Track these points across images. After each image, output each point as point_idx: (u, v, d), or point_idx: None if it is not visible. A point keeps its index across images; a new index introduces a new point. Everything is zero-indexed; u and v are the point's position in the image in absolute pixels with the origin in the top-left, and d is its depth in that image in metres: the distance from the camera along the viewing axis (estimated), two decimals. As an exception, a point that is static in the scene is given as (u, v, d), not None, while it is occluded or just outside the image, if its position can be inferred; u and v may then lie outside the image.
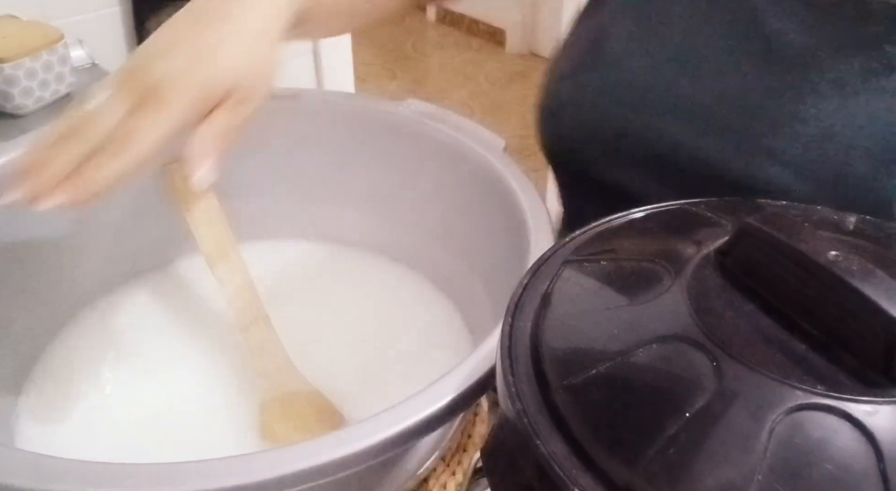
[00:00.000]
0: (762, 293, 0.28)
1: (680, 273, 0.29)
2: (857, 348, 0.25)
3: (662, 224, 0.35)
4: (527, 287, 0.33)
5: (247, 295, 0.54)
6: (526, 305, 0.32)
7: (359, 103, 0.59)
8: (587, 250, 0.35)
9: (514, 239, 0.48)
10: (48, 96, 0.83)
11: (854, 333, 0.25)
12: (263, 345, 0.52)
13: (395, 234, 0.63)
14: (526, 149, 2.30)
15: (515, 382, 0.28)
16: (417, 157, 0.58)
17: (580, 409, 0.26)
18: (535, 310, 0.32)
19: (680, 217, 0.35)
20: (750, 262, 0.28)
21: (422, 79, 2.73)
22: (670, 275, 0.29)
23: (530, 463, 0.26)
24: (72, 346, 0.56)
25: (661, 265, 0.30)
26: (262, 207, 0.64)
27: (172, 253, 0.63)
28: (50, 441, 0.49)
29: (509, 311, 0.32)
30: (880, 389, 0.24)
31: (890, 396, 0.23)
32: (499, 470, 0.29)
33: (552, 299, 0.31)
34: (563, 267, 0.33)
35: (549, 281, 0.32)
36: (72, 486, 0.32)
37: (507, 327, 0.31)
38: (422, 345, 0.57)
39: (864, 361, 0.24)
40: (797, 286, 0.26)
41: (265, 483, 0.32)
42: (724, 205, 0.36)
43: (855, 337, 0.25)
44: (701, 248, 0.31)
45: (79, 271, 0.58)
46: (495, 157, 0.53)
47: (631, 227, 0.36)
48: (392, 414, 0.34)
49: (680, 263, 0.30)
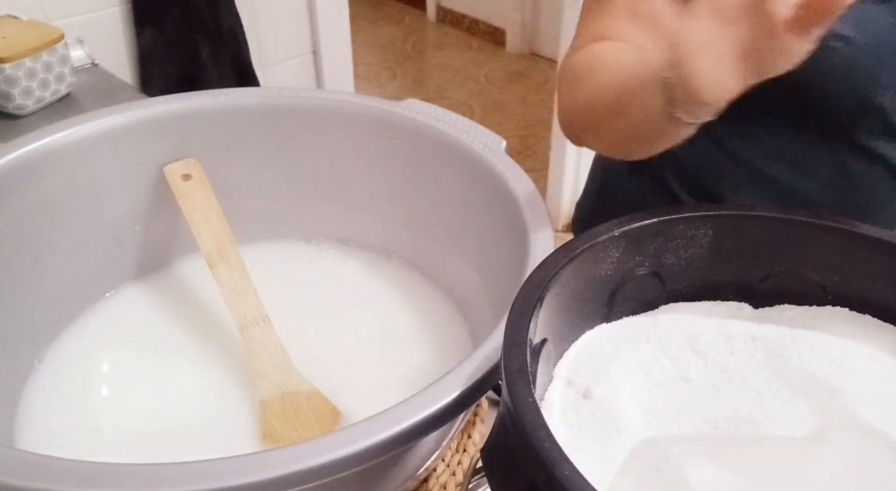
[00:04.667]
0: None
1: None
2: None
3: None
4: (528, 288, 0.33)
5: (246, 295, 0.54)
6: (526, 306, 0.32)
7: (359, 103, 0.59)
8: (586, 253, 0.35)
9: (514, 239, 0.48)
10: (48, 96, 0.84)
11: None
12: (263, 345, 0.52)
13: (395, 234, 0.63)
14: (526, 149, 2.30)
15: (516, 382, 0.28)
16: (417, 157, 0.58)
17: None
18: (536, 310, 0.32)
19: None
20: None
21: (422, 79, 2.73)
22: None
23: (530, 463, 0.26)
24: (72, 346, 0.56)
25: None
26: (262, 207, 0.64)
27: (172, 253, 0.63)
28: (50, 441, 0.49)
29: (510, 311, 0.32)
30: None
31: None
32: (499, 470, 0.29)
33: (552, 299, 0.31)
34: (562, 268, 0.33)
35: (549, 282, 0.33)
36: (72, 486, 0.32)
37: (508, 328, 0.31)
38: (422, 345, 0.57)
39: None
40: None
41: (265, 483, 0.32)
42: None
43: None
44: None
45: (79, 271, 0.58)
46: (495, 157, 0.53)
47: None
48: (392, 414, 0.34)
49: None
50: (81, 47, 0.94)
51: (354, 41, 1.43)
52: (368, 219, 0.64)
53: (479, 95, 2.61)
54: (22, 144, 0.53)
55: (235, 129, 0.60)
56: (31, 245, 0.54)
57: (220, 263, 0.56)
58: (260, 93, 0.61)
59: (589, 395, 0.34)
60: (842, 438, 0.29)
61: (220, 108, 0.60)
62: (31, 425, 0.50)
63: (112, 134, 0.57)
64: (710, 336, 0.37)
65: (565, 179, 1.92)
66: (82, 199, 0.57)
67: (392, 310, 0.60)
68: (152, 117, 0.58)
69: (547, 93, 2.57)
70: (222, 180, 0.61)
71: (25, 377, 0.53)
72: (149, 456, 0.36)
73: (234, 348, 0.55)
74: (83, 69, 0.93)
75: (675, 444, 0.29)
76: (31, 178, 0.53)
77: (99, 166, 0.57)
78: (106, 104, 0.57)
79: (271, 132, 0.61)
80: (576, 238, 0.37)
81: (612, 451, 0.32)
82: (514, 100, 2.58)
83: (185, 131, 0.59)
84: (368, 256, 0.65)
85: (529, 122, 2.43)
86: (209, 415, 0.52)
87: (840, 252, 0.38)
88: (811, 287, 0.39)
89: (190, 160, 0.60)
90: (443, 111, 0.57)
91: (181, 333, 0.58)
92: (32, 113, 0.84)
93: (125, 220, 0.60)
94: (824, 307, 0.39)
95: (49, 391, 0.53)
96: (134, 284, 0.62)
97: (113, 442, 0.50)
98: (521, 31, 2.83)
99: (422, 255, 0.62)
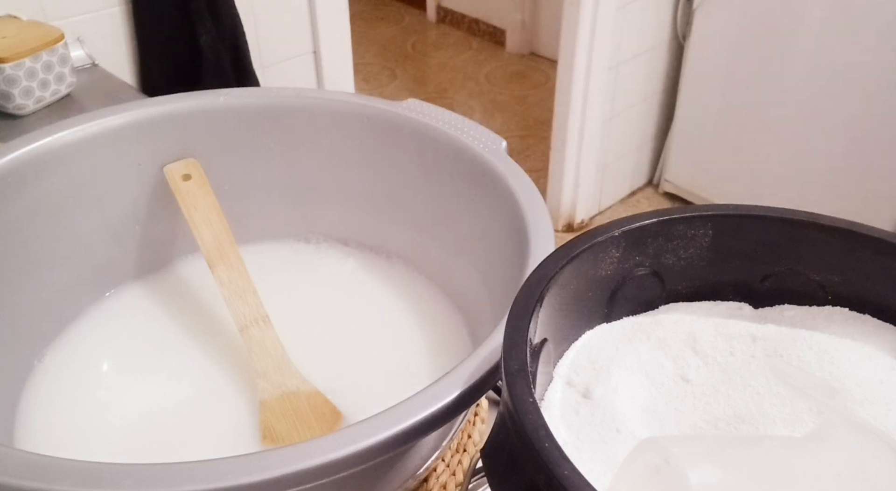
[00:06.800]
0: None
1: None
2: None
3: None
4: (528, 288, 0.33)
5: (246, 295, 0.54)
6: (527, 306, 0.32)
7: (359, 103, 0.59)
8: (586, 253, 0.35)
9: (514, 239, 0.48)
10: (48, 96, 0.83)
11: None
12: (263, 344, 0.52)
13: (395, 234, 0.63)
14: (526, 149, 2.30)
15: (516, 382, 0.28)
16: (417, 157, 0.58)
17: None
18: (536, 310, 0.32)
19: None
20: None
21: (422, 79, 2.73)
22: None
23: (530, 463, 0.26)
24: (72, 346, 0.56)
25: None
26: (261, 207, 0.64)
27: (172, 253, 0.63)
28: (50, 441, 0.49)
29: (510, 311, 0.32)
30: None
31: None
32: (499, 470, 0.29)
33: (552, 299, 0.31)
34: (562, 268, 0.33)
35: (549, 282, 0.33)
36: (71, 486, 0.32)
37: (508, 328, 0.31)
38: (422, 345, 0.57)
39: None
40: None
41: (265, 483, 0.32)
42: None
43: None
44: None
45: (79, 271, 0.58)
46: (495, 157, 0.53)
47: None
48: (392, 414, 0.34)
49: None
50: (81, 47, 0.94)
51: (354, 41, 1.43)
52: (368, 219, 0.64)
53: (479, 95, 2.61)
54: (22, 144, 0.53)
55: (235, 129, 0.60)
56: (31, 245, 0.54)
57: (220, 262, 0.56)
58: (260, 93, 0.61)
59: (589, 395, 0.34)
60: (842, 438, 0.29)
61: (220, 108, 0.60)
62: (31, 425, 0.50)
63: (112, 134, 0.57)
64: (710, 336, 0.37)
65: (565, 179, 1.92)
66: (82, 199, 0.57)
67: (392, 310, 0.60)
68: (152, 117, 0.58)
69: (547, 93, 2.57)
70: (222, 180, 0.61)
71: (25, 377, 0.53)
72: (149, 456, 0.36)
73: (234, 348, 0.55)
74: (83, 69, 0.93)
75: (675, 444, 0.29)
76: (31, 177, 0.53)
77: (99, 166, 0.57)
78: (106, 104, 0.57)
79: (271, 132, 0.61)
80: (576, 238, 0.37)
81: (612, 451, 0.32)
82: (514, 100, 2.58)
83: (185, 131, 0.59)
84: (368, 255, 0.65)
85: (529, 122, 2.43)
86: (209, 415, 0.52)
87: (840, 252, 0.38)
88: (811, 287, 0.39)
89: (190, 160, 0.60)
90: (443, 111, 0.57)
91: (181, 332, 0.58)
92: (32, 113, 0.84)
93: (125, 220, 0.60)
94: (824, 307, 0.39)
95: (49, 391, 0.53)
96: (134, 284, 0.62)
97: (112, 442, 0.50)
98: (521, 31, 2.84)
99: (422, 255, 0.62)
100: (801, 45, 1.67)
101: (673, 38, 1.93)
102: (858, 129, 1.66)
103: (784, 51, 1.70)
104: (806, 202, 1.77)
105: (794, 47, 1.68)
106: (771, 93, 1.76)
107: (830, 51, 1.63)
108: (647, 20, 1.82)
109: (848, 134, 1.68)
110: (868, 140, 1.65)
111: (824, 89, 1.67)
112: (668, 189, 2.11)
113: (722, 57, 1.81)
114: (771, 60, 1.73)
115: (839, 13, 1.58)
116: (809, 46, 1.65)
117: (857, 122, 1.65)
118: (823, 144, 1.73)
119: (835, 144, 1.71)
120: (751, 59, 1.76)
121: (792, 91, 1.72)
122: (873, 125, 1.63)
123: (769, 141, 1.82)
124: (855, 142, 1.67)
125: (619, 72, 1.84)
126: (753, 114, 1.82)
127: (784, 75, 1.72)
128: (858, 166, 1.69)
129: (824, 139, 1.72)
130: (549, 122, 1.93)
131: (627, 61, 1.85)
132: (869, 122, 1.63)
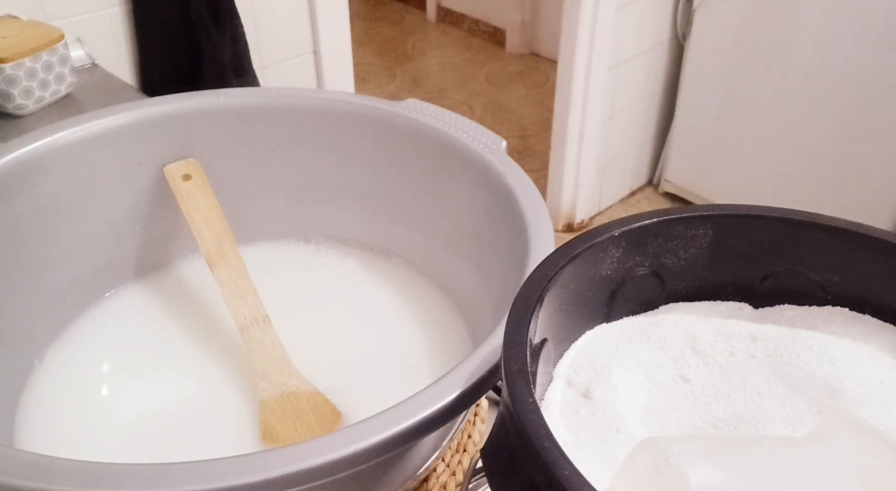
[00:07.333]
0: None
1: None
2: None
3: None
4: (528, 288, 0.33)
5: (246, 295, 0.54)
6: (527, 306, 0.32)
7: (359, 103, 0.59)
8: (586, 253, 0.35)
9: (514, 239, 0.48)
10: (48, 96, 0.83)
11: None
12: (263, 344, 0.52)
13: (395, 235, 0.63)
14: (526, 149, 2.30)
15: (516, 382, 0.28)
16: (417, 157, 0.58)
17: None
18: (536, 310, 0.32)
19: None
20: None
21: (422, 79, 2.73)
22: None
23: (530, 463, 0.26)
24: (72, 346, 0.56)
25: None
26: (261, 207, 0.64)
27: (172, 253, 0.63)
28: (50, 441, 0.49)
29: (510, 311, 0.32)
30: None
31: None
32: (499, 470, 0.29)
33: (552, 299, 0.31)
34: (562, 268, 0.33)
35: (549, 282, 0.33)
36: (71, 486, 0.32)
37: (508, 328, 0.31)
38: (422, 345, 0.57)
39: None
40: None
41: (265, 483, 0.32)
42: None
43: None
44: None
45: (79, 271, 0.58)
46: (495, 157, 0.53)
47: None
48: (392, 414, 0.34)
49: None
50: (81, 47, 0.94)
51: (354, 41, 1.43)
52: (368, 219, 0.64)
53: (479, 95, 2.61)
54: (22, 144, 0.53)
55: (235, 129, 0.60)
56: (31, 245, 0.54)
57: (220, 262, 0.56)
58: (260, 93, 0.61)
59: (589, 395, 0.34)
60: (842, 438, 0.29)
61: (220, 108, 0.60)
62: (31, 425, 0.50)
63: (112, 134, 0.57)
64: (710, 336, 0.37)
65: (565, 179, 1.92)
66: (82, 199, 0.57)
67: (392, 310, 0.60)
68: (152, 117, 0.58)
69: (547, 93, 2.57)
70: (222, 180, 0.61)
71: (25, 377, 0.53)
72: (149, 456, 0.36)
73: (234, 348, 0.55)
74: (83, 69, 0.93)
75: (675, 444, 0.29)
76: (32, 177, 0.53)
77: (99, 166, 0.57)
78: (106, 104, 0.57)
79: (271, 132, 0.61)
80: (576, 238, 0.37)
81: (612, 451, 0.32)
82: (514, 100, 2.58)
83: (185, 131, 0.59)
84: (368, 255, 0.65)
85: (529, 122, 2.43)
86: (209, 415, 0.52)
87: (840, 252, 0.38)
88: (811, 287, 0.39)
89: (190, 160, 0.60)
90: (443, 111, 0.57)
91: (181, 332, 0.58)
92: (32, 113, 0.84)
93: (125, 220, 0.60)
94: (824, 307, 0.39)
95: (49, 391, 0.53)
96: (134, 284, 0.62)
97: (112, 442, 0.50)
98: (521, 31, 2.84)
99: (422, 255, 0.62)
100: (801, 44, 1.67)
101: (673, 38, 1.93)
102: (858, 129, 1.66)
103: (784, 50, 1.70)
104: (806, 202, 1.77)
105: (794, 47, 1.68)
106: (771, 93, 1.76)
107: (830, 51, 1.63)
108: (646, 20, 1.83)
109: (848, 134, 1.68)
110: (868, 140, 1.65)
111: (824, 89, 1.67)
112: (668, 189, 2.11)
113: (722, 57, 1.81)
114: (771, 60, 1.73)
115: (839, 13, 1.58)
116: (809, 46, 1.65)
117: (857, 122, 1.65)
118: (823, 144, 1.73)
119: (835, 144, 1.71)
120: (751, 59, 1.76)
121: (792, 91, 1.72)
122: (873, 125, 1.63)
123: (769, 141, 1.82)
124: (855, 142, 1.67)
125: (619, 72, 1.84)
126: (753, 114, 1.82)
127: (784, 75, 1.72)
128: (858, 166, 1.69)
129: (824, 139, 1.72)
130: (549, 122, 1.94)
131: (627, 61, 1.85)
132: (869, 122, 1.63)
